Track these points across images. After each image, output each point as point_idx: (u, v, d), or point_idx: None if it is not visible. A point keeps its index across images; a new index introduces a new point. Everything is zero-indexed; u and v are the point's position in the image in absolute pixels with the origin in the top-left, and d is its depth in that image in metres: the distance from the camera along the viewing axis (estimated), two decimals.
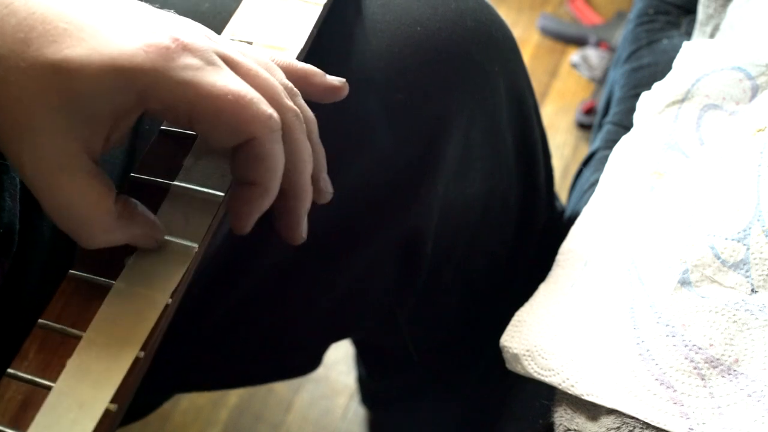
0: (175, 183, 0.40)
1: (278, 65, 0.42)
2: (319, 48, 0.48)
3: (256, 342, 0.61)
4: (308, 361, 0.71)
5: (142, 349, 0.36)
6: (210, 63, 0.35)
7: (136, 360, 0.36)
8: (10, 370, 0.35)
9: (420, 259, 0.59)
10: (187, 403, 1.07)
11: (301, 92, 0.42)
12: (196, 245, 0.38)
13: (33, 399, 0.35)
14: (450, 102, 0.53)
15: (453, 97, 0.53)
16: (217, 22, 0.52)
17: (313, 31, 0.47)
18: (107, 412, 0.34)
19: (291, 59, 0.43)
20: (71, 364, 0.35)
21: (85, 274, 0.38)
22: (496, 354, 0.56)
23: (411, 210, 0.55)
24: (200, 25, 0.39)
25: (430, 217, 0.57)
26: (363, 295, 0.61)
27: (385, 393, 0.94)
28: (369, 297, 0.61)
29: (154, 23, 0.35)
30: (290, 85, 0.40)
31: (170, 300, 0.37)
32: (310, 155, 0.41)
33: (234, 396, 1.08)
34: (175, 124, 0.36)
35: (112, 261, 0.38)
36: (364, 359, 0.92)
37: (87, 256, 0.38)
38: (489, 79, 0.55)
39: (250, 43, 0.46)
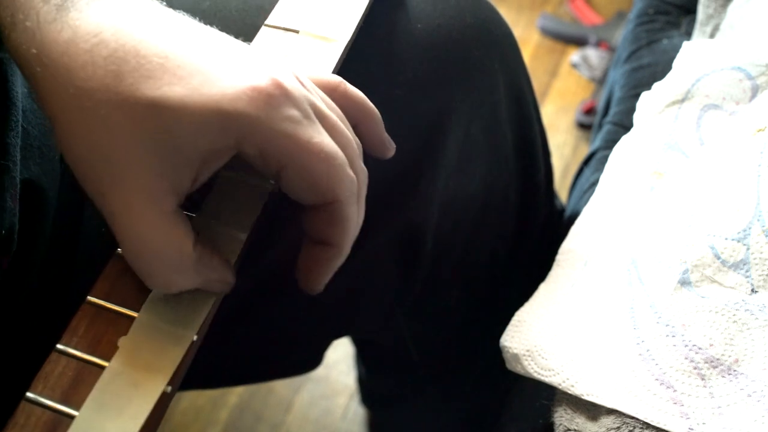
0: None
1: (351, 98, 0.41)
2: None
3: (256, 340, 0.61)
4: (309, 359, 0.71)
5: (197, 332, 0.36)
6: (307, 116, 0.34)
7: (192, 343, 0.36)
8: (59, 346, 0.35)
9: (420, 256, 0.59)
10: (187, 403, 1.07)
11: (357, 131, 0.42)
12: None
13: (84, 377, 0.34)
14: (449, 98, 0.53)
15: (452, 93, 0.53)
16: (217, 20, 0.52)
17: (360, 22, 0.46)
18: (163, 394, 0.34)
19: (364, 96, 0.42)
20: (124, 343, 0.35)
21: None
22: (496, 354, 0.56)
23: (410, 206, 0.55)
24: (288, 62, 0.38)
25: (429, 214, 0.57)
26: (363, 291, 0.61)
27: (385, 393, 0.94)
28: (369, 294, 0.61)
29: (251, 62, 0.34)
30: (358, 140, 0.40)
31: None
32: (363, 217, 0.40)
33: (234, 396, 1.08)
34: (263, 172, 0.36)
35: None
36: (364, 359, 0.92)
37: None
38: (488, 75, 0.55)
39: (297, 32, 0.45)
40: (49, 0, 0.33)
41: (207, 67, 0.33)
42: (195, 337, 0.36)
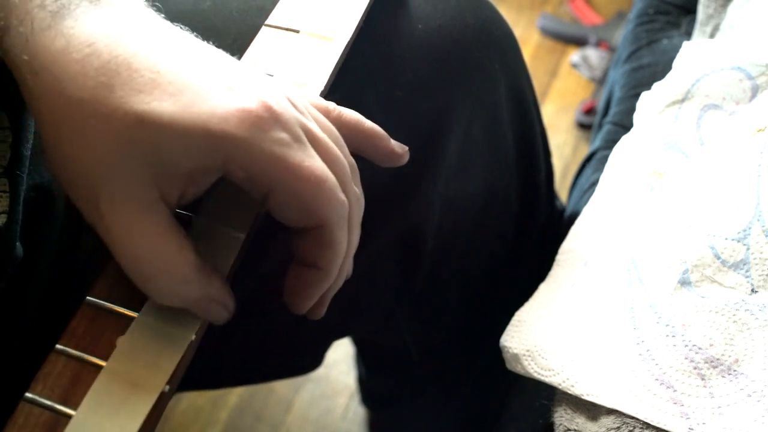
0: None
1: (346, 123, 0.40)
2: None
3: (256, 341, 0.61)
4: (309, 359, 0.71)
5: (196, 333, 0.36)
6: (297, 139, 0.34)
7: (190, 343, 0.36)
8: (58, 346, 0.35)
9: (420, 257, 0.59)
10: (187, 403, 1.07)
11: (361, 152, 0.42)
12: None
13: (83, 376, 0.34)
14: (450, 99, 0.53)
15: (453, 93, 0.53)
16: (217, 20, 0.52)
17: (360, 22, 0.46)
18: (162, 394, 0.34)
19: (359, 117, 0.42)
20: (122, 343, 0.35)
21: None
22: (496, 354, 0.56)
23: (411, 207, 0.55)
24: (281, 82, 0.37)
25: (430, 214, 0.57)
26: (363, 292, 0.61)
27: (385, 393, 0.94)
28: (369, 294, 0.61)
29: (242, 82, 0.34)
30: (353, 162, 0.39)
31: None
32: (358, 239, 0.40)
33: (234, 396, 1.08)
34: (250, 192, 0.35)
35: None
36: (364, 359, 0.92)
37: None
38: (489, 75, 0.55)
39: (297, 31, 0.45)
40: (45, 6, 0.33)
41: (198, 85, 0.33)
42: (193, 337, 0.36)
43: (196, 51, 0.35)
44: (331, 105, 0.41)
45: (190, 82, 0.33)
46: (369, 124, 0.42)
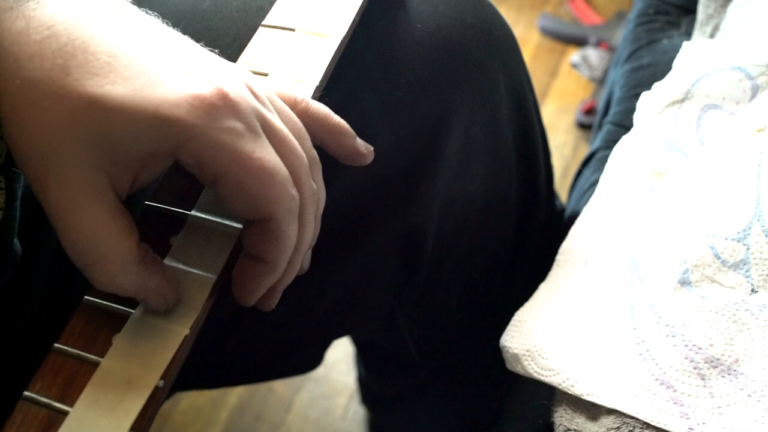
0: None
1: (313, 115, 0.40)
2: None
3: (256, 340, 0.61)
4: (309, 359, 0.71)
5: (191, 328, 0.36)
6: (251, 129, 0.34)
7: (185, 338, 0.36)
8: (56, 345, 0.35)
9: (420, 257, 0.59)
10: (187, 403, 1.07)
11: (326, 147, 0.41)
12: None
13: (79, 374, 0.34)
14: (450, 99, 0.53)
15: (453, 94, 0.53)
16: (217, 20, 0.52)
17: (355, 18, 0.47)
18: (156, 389, 0.34)
19: (327, 111, 0.41)
20: (118, 340, 0.35)
21: None
22: (496, 354, 0.56)
23: (411, 207, 0.55)
24: (242, 69, 0.37)
25: (430, 215, 0.57)
26: (363, 292, 0.61)
27: (385, 393, 0.94)
28: (369, 295, 0.61)
29: (200, 69, 0.34)
30: (315, 156, 0.39)
31: (216, 278, 0.37)
32: (313, 236, 0.40)
33: (234, 396, 1.08)
34: (200, 179, 0.35)
35: (159, 242, 0.38)
36: (364, 359, 0.92)
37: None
38: (489, 76, 0.55)
39: (293, 30, 0.46)
40: None
41: (153, 70, 0.33)
42: (188, 332, 0.36)
43: (156, 36, 0.35)
44: (300, 96, 0.40)
45: (145, 66, 0.33)
46: (336, 119, 0.42)
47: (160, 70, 0.33)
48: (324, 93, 0.45)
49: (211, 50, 0.37)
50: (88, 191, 0.33)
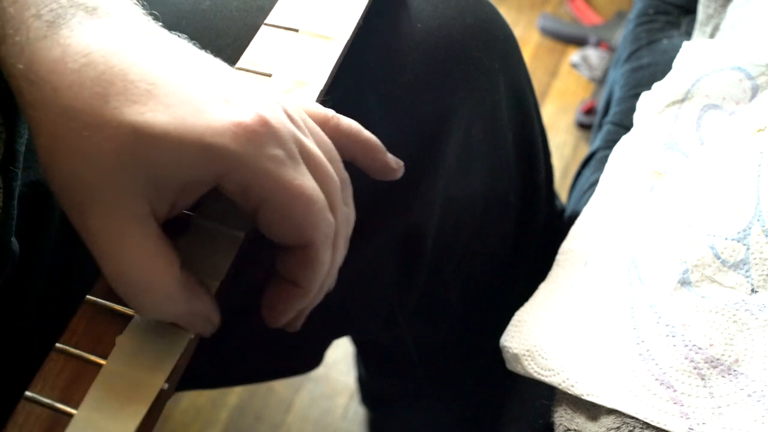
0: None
1: (344, 132, 0.40)
2: None
3: (256, 340, 0.61)
4: (309, 359, 0.71)
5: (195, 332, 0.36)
6: (291, 156, 0.34)
7: (190, 341, 0.36)
8: (59, 345, 0.35)
9: (420, 257, 0.59)
10: (187, 403, 1.07)
11: (357, 162, 0.41)
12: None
13: (82, 375, 0.34)
14: (450, 99, 0.53)
15: (453, 93, 0.53)
16: (217, 20, 0.52)
17: (359, 21, 0.46)
18: (160, 392, 0.34)
19: (358, 126, 0.41)
20: (122, 341, 0.35)
21: None
22: (496, 354, 0.56)
23: (411, 207, 0.55)
24: (276, 91, 0.37)
25: (430, 215, 0.57)
26: (363, 292, 0.61)
27: (385, 393, 0.94)
28: (369, 294, 0.61)
29: (239, 95, 0.34)
30: (346, 177, 0.39)
31: (219, 283, 0.37)
32: (344, 256, 0.39)
33: (234, 396, 1.08)
34: (241, 207, 0.35)
35: None
36: (364, 359, 0.92)
37: None
38: (489, 75, 0.55)
39: (296, 31, 0.45)
40: (41, 16, 0.33)
41: (194, 97, 0.32)
42: (193, 335, 0.36)
43: (193, 61, 0.35)
44: (330, 113, 0.40)
45: (186, 93, 0.32)
46: (367, 134, 0.41)
47: (200, 97, 0.33)
48: (323, 92, 0.45)
49: (215, 54, 0.37)
50: (133, 220, 0.32)
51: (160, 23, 0.36)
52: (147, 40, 0.34)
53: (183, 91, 0.32)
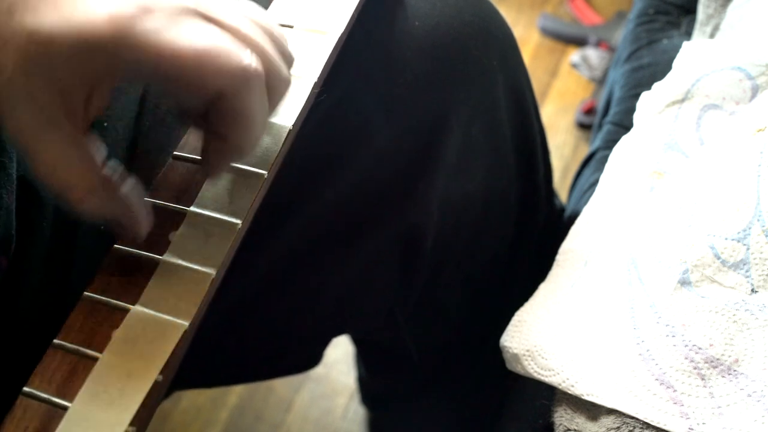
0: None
1: (257, 21, 0.38)
2: None
3: (256, 338, 0.61)
4: (308, 357, 0.71)
5: (191, 322, 0.36)
6: (175, 21, 0.34)
7: (184, 333, 0.36)
8: (56, 341, 0.35)
9: (420, 256, 0.59)
10: (187, 403, 1.07)
11: None
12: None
13: (79, 370, 0.35)
14: (449, 97, 0.53)
15: (452, 92, 0.53)
16: None
17: (353, 16, 0.47)
18: (155, 383, 0.34)
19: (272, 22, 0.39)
20: (117, 335, 0.36)
21: (130, 249, 0.38)
22: (496, 354, 0.56)
23: (410, 206, 0.55)
24: None
25: (429, 214, 0.57)
26: (362, 291, 0.61)
27: (385, 393, 0.94)
28: (369, 294, 0.61)
29: None
30: (289, 51, 0.38)
31: (215, 273, 0.38)
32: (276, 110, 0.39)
33: (234, 396, 1.08)
34: (157, 89, 0.36)
35: (158, 238, 0.38)
36: (364, 359, 0.92)
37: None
38: (488, 74, 0.55)
39: (291, 27, 0.46)
40: None
41: None
42: (187, 326, 0.36)
43: None
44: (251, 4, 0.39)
45: None
46: (278, 29, 0.40)
47: None
48: (323, 90, 0.45)
49: None
50: (42, 122, 0.34)
51: None
52: None
53: None
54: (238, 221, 0.39)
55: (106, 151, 0.36)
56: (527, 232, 0.67)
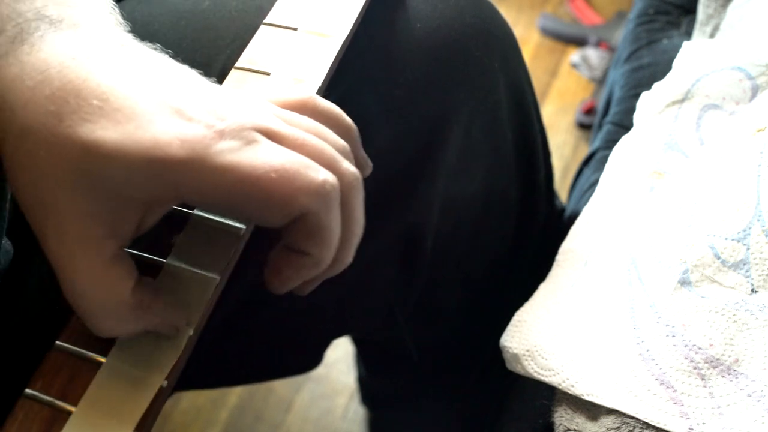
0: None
1: (324, 113, 0.38)
2: None
3: (256, 340, 0.61)
4: (309, 358, 0.71)
5: (194, 328, 0.36)
6: (249, 142, 0.32)
7: (189, 338, 0.36)
8: (58, 343, 0.35)
9: (420, 256, 0.59)
10: (187, 403, 1.07)
11: None
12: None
13: (81, 373, 0.34)
14: (450, 98, 0.53)
15: (453, 93, 0.53)
16: (216, 19, 0.52)
17: (357, 19, 0.46)
18: (160, 389, 0.34)
19: (339, 110, 0.39)
20: (121, 339, 0.35)
21: (133, 252, 0.37)
22: (496, 354, 0.56)
23: (410, 206, 0.55)
24: (242, 94, 0.35)
25: (429, 214, 0.57)
26: (363, 291, 0.61)
27: (385, 393, 0.94)
28: (369, 294, 0.61)
29: (193, 106, 0.33)
30: (344, 144, 0.37)
31: (219, 278, 0.37)
32: (362, 225, 0.37)
33: (234, 396, 1.08)
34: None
35: (161, 241, 0.38)
36: (364, 358, 0.92)
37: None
38: (489, 75, 0.55)
39: (295, 29, 0.45)
40: (5, 31, 0.32)
41: (144, 112, 0.31)
42: (191, 333, 0.36)
43: (153, 73, 0.33)
44: (306, 95, 0.38)
45: (136, 108, 0.31)
46: (347, 120, 0.39)
47: (150, 110, 0.32)
48: (326, 93, 0.45)
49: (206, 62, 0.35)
50: (86, 246, 0.32)
51: (131, 32, 0.35)
52: (109, 53, 0.33)
53: (133, 105, 0.32)
54: (242, 226, 0.39)
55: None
56: (527, 232, 0.67)
